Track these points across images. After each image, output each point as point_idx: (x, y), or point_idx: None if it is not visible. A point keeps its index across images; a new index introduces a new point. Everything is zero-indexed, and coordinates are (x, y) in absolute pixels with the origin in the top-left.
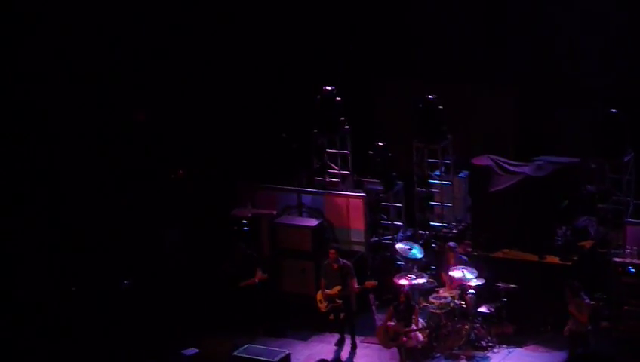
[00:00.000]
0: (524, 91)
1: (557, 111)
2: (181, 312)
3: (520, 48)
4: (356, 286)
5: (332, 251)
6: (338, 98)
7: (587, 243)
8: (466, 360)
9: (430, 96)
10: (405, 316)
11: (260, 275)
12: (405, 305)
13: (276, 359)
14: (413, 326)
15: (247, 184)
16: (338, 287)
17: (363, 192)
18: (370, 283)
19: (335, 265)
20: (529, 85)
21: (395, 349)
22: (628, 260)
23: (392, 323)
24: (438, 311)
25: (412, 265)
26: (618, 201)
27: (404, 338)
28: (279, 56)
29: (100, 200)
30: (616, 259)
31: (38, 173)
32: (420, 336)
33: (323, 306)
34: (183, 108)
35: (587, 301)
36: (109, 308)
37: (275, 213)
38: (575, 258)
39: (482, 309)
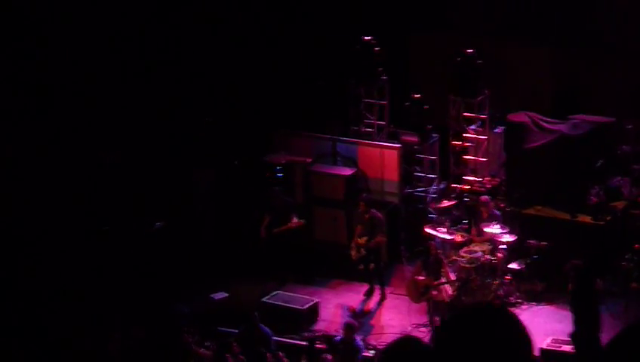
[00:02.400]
0: (562, 48)
1: (593, 70)
2: (212, 256)
3: (562, 8)
4: (384, 238)
5: (362, 202)
6: (377, 48)
7: (620, 204)
8: None
9: (469, 50)
10: (434, 269)
11: (295, 221)
12: (435, 258)
13: (305, 306)
14: (443, 280)
15: (281, 131)
16: (365, 238)
17: (398, 143)
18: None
19: (366, 216)
20: (568, 42)
21: (423, 302)
22: None
23: (421, 277)
24: (467, 266)
25: (444, 218)
26: None
27: (434, 292)
28: (318, 5)
29: (134, 140)
30: None
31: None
32: (449, 290)
33: (354, 254)
34: (222, 53)
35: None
36: (141, 249)
37: (309, 160)
38: (607, 218)
39: (512, 265)
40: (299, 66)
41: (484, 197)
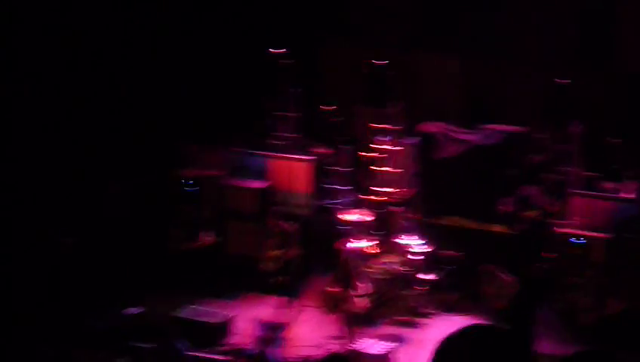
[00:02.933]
0: (472, 58)
1: (504, 80)
2: (126, 271)
3: (470, 18)
4: (296, 250)
5: (275, 214)
6: (287, 60)
7: (531, 213)
8: (408, 326)
9: (379, 62)
10: (348, 281)
11: (205, 238)
12: (347, 270)
13: (218, 320)
14: (356, 292)
15: (192, 144)
16: (279, 251)
17: (309, 156)
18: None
19: (278, 229)
20: (478, 53)
21: (336, 313)
22: (571, 231)
23: (335, 288)
24: (381, 277)
25: (356, 230)
26: (563, 172)
27: (347, 304)
28: (229, 17)
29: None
30: (560, 230)
31: None
32: (363, 302)
33: (267, 267)
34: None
35: (507, 277)
36: (50, 266)
37: (220, 174)
38: (520, 227)
39: (426, 276)
40: (209, 79)
41: (397, 209)
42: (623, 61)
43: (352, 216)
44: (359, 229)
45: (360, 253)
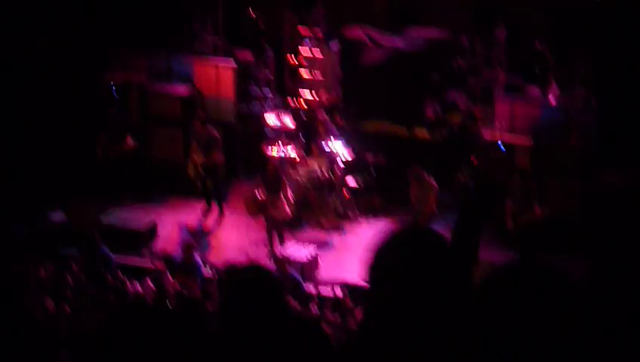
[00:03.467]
0: None
1: None
2: (50, 176)
3: None
4: (221, 156)
5: (200, 119)
6: None
7: (456, 118)
8: (333, 231)
9: None
10: (273, 186)
11: (130, 143)
12: (273, 174)
13: (142, 225)
14: (282, 197)
15: (117, 48)
16: (204, 156)
17: (233, 61)
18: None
19: (203, 134)
20: None
21: (261, 218)
22: (496, 136)
23: (260, 193)
24: (305, 182)
25: (281, 135)
26: (488, 76)
27: (272, 208)
28: None
29: None
30: (485, 134)
31: None
32: (289, 207)
33: (192, 172)
34: None
35: (434, 183)
36: None
37: (145, 78)
38: (444, 132)
39: (350, 181)
40: None
41: (321, 114)
42: None
43: (277, 122)
44: (284, 134)
45: (285, 159)
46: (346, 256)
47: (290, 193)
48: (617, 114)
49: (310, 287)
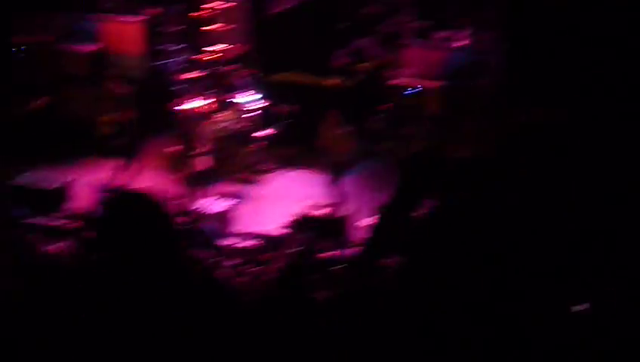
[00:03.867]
0: None
1: None
2: None
3: None
4: (133, 112)
5: (110, 76)
6: None
7: (366, 65)
8: (248, 183)
9: None
10: (188, 140)
11: (38, 102)
12: (187, 129)
13: (56, 186)
14: (198, 150)
15: (23, 11)
16: (114, 114)
17: (141, 17)
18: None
19: (114, 91)
20: None
21: (177, 173)
22: (406, 81)
23: (175, 148)
24: (218, 135)
25: (192, 89)
26: (397, 22)
27: (186, 164)
28: None
29: None
30: (396, 81)
31: None
32: (205, 161)
33: (105, 130)
34: None
35: (348, 131)
36: None
37: (52, 39)
38: (354, 80)
39: (264, 132)
40: None
41: (231, 66)
42: None
43: (187, 76)
44: (194, 88)
45: (196, 112)
46: (261, 208)
47: (204, 146)
48: (524, 55)
49: (227, 240)
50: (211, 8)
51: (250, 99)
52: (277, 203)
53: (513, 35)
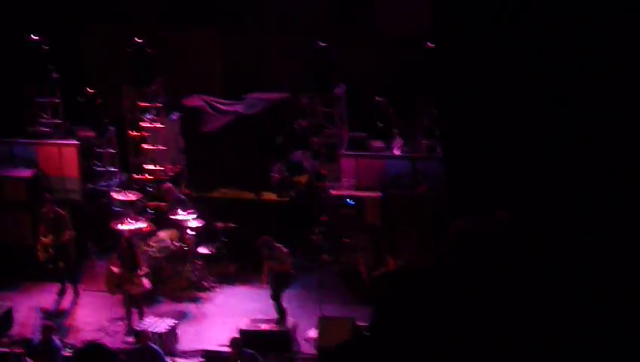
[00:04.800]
0: (229, 32)
1: (263, 49)
2: None
3: None
4: (71, 235)
5: (47, 200)
6: (45, 47)
7: (303, 178)
8: (190, 301)
9: (138, 40)
10: (128, 262)
11: None
12: (127, 250)
13: None
14: (138, 272)
15: None
16: (53, 237)
17: (75, 140)
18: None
19: (50, 215)
20: (234, 26)
21: (120, 295)
22: (344, 192)
23: (116, 270)
24: (158, 255)
25: (129, 209)
26: (331, 134)
27: (130, 284)
28: None
29: None
30: (333, 192)
31: None
32: (146, 282)
33: (41, 255)
34: None
35: (285, 249)
36: None
37: None
38: (292, 193)
39: (202, 250)
40: None
41: (167, 185)
42: (382, 23)
43: (124, 196)
44: (132, 208)
45: (136, 233)
46: (204, 325)
47: (144, 267)
48: (462, 161)
49: (171, 359)
50: (146, 128)
51: (187, 217)
52: (220, 320)
53: (449, 142)
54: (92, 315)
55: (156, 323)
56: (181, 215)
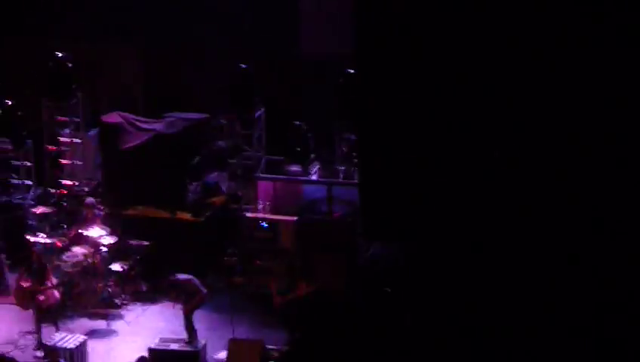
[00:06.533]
0: (150, 50)
1: (184, 68)
2: None
3: (146, 8)
4: None
5: None
6: None
7: (218, 199)
8: (101, 318)
9: (59, 54)
10: (39, 275)
11: None
12: (38, 264)
13: None
14: (48, 284)
15: None
16: None
17: None
18: None
19: None
20: (155, 44)
21: (31, 309)
22: (260, 215)
23: (27, 283)
24: (71, 270)
25: (43, 224)
26: (249, 157)
27: (40, 298)
28: None
29: None
30: (248, 215)
31: None
32: (57, 294)
33: None
34: None
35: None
36: None
37: None
38: (207, 214)
39: (115, 267)
40: None
41: (89, 200)
42: (305, 45)
43: (38, 210)
44: (46, 223)
45: (48, 247)
46: (114, 343)
47: (56, 281)
48: (378, 188)
49: None
50: (63, 142)
51: (101, 234)
52: (130, 338)
53: (366, 168)
54: (2, 328)
55: (67, 339)
56: (95, 231)
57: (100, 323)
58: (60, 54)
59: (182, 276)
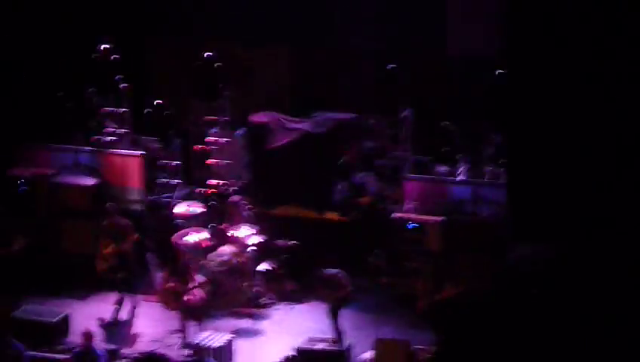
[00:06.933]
0: (300, 47)
1: (332, 69)
2: None
3: (292, 8)
4: (131, 246)
5: (109, 210)
6: (115, 56)
7: (365, 200)
8: (247, 317)
9: (207, 54)
10: (183, 275)
11: (18, 242)
12: (183, 263)
13: (55, 319)
14: (193, 284)
15: (24, 144)
16: (114, 247)
17: (140, 150)
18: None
19: (112, 225)
20: (306, 41)
21: (175, 308)
22: (406, 216)
23: (172, 284)
24: (217, 269)
25: (190, 223)
26: (395, 157)
27: (186, 297)
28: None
29: None
30: (395, 215)
31: None
32: (202, 293)
33: (101, 266)
34: None
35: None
36: None
37: (51, 172)
38: (354, 214)
39: (262, 266)
40: (38, 77)
41: (235, 198)
42: (452, 46)
43: (186, 209)
44: (193, 222)
45: (195, 246)
46: (260, 342)
47: (202, 281)
48: (527, 188)
49: None
50: (211, 142)
51: (249, 233)
52: (276, 337)
53: (515, 169)
54: (149, 326)
55: (212, 338)
56: (242, 230)
57: (246, 323)
58: (208, 53)
59: (329, 270)
